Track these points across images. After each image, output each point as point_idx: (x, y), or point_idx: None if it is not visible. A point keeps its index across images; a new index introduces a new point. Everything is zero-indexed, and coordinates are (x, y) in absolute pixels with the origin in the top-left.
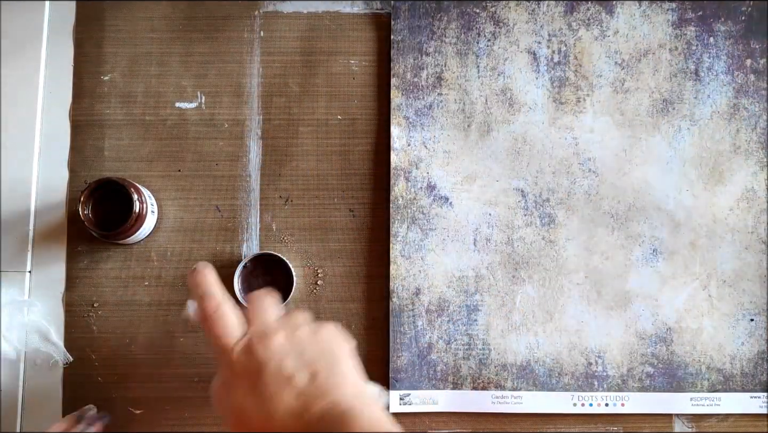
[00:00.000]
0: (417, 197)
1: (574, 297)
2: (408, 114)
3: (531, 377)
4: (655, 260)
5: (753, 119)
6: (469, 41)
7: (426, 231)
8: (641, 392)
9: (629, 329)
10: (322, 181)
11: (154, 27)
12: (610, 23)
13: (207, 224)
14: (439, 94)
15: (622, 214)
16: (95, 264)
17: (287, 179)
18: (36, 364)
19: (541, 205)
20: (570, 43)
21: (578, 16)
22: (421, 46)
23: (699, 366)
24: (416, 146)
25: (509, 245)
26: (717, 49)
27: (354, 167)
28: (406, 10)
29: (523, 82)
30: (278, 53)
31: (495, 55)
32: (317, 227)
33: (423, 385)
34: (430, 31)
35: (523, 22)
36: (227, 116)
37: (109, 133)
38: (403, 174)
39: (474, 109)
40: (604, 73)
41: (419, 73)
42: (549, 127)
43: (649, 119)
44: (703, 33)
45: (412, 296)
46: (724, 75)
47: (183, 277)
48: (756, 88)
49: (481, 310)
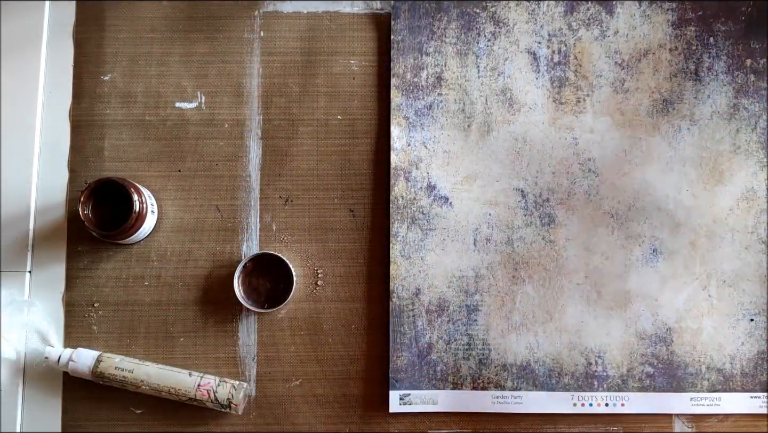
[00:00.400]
0: (417, 197)
1: (574, 297)
2: (408, 114)
3: (531, 377)
4: (655, 260)
5: (753, 119)
6: (469, 41)
7: (426, 231)
8: (641, 392)
9: (629, 329)
10: (322, 181)
11: (154, 27)
12: (611, 23)
13: (207, 224)
14: (439, 94)
15: (622, 214)
16: (95, 264)
17: (287, 179)
18: (36, 364)
19: (541, 206)
20: (570, 43)
21: (578, 16)
22: (421, 46)
23: (699, 366)
24: (416, 146)
25: (509, 245)
26: (717, 49)
27: (354, 167)
28: (406, 11)
29: (523, 82)
30: (278, 53)
31: (495, 56)
32: (317, 227)
33: (423, 385)
34: (430, 31)
35: (523, 22)
36: (227, 116)
37: (109, 133)
38: (403, 174)
39: (474, 109)
40: (604, 73)
41: (419, 73)
42: (549, 127)
43: (649, 119)
44: (703, 33)
45: (412, 296)
46: (724, 75)
47: (183, 277)
48: (756, 88)
49: (481, 310)
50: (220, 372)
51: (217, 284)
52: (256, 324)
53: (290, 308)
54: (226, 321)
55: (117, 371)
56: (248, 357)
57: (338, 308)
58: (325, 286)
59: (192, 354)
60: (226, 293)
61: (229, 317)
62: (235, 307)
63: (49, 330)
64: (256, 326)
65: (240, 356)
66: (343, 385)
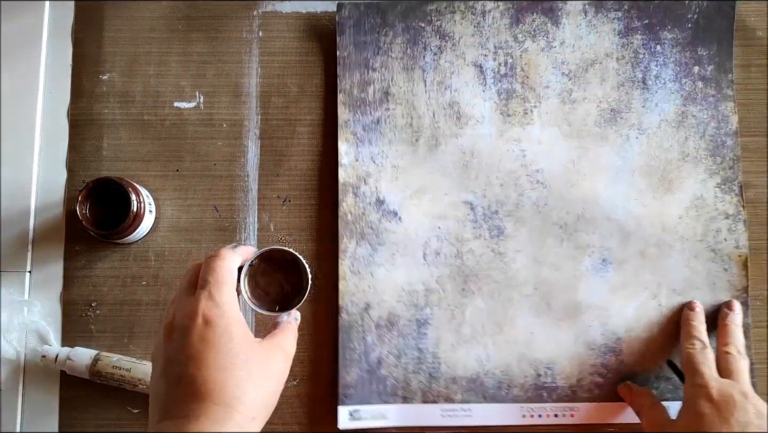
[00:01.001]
0: (366, 212)
1: (524, 309)
2: (356, 129)
3: (480, 390)
4: (604, 270)
5: (701, 127)
6: (416, 56)
7: (375, 246)
8: (591, 403)
9: (579, 340)
10: (320, 181)
11: (153, 27)
12: (557, 34)
13: (205, 224)
14: (387, 109)
15: (571, 224)
16: (93, 263)
17: (285, 179)
18: (35, 364)
19: (490, 218)
20: (516, 55)
21: (524, 27)
22: (368, 62)
23: (648, 375)
24: (365, 162)
25: (459, 258)
26: (664, 57)
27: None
28: (351, 26)
29: (470, 96)
30: (277, 53)
31: (441, 69)
32: (315, 227)
33: (373, 400)
34: (375, 46)
35: (468, 35)
36: (225, 116)
37: (107, 133)
38: (352, 190)
39: (422, 123)
40: (551, 84)
41: (366, 88)
42: (497, 139)
43: (597, 129)
44: (650, 41)
45: (362, 311)
46: (671, 83)
47: (180, 277)
48: (704, 95)
49: (431, 323)
50: None
51: None
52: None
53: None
54: None
55: (114, 369)
56: None
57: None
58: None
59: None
60: None
61: None
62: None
63: (49, 330)
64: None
65: None
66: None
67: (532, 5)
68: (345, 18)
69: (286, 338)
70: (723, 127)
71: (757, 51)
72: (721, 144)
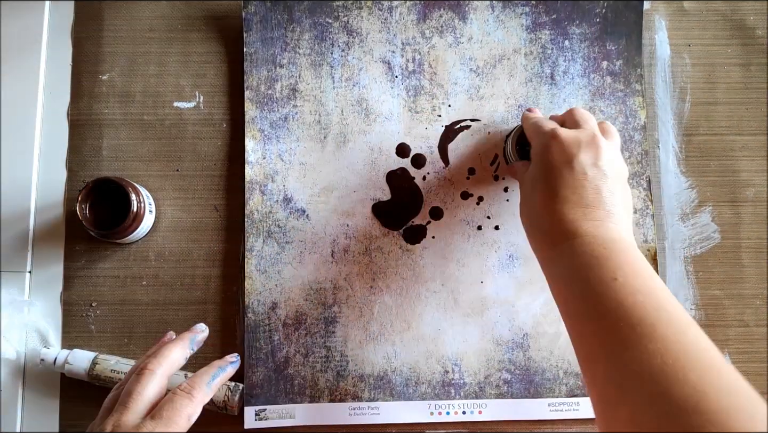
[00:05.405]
0: (273, 210)
1: (431, 305)
2: (263, 127)
3: (388, 387)
4: (511, 266)
5: (610, 121)
6: (323, 52)
7: (282, 244)
8: (499, 399)
9: (486, 336)
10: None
11: (153, 27)
12: (464, 30)
13: (205, 224)
14: (294, 106)
15: (478, 220)
16: (93, 263)
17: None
18: (35, 364)
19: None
20: (424, 51)
21: (431, 23)
22: (275, 58)
23: (556, 371)
24: (272, 159)
25: (367, 255)
26: (572, 52)
27: None
28: (258, 22)
29: (378, 92)
30: None
31: (349, 66)
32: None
33: (280, 399)
34: (283, 42)
35: (376, 31)
36: (225, 116)
37: (107, 133)
38: (259, 188)
39: (330, 120)
40: (460, 81)
41: (273, 85)
42: (405, 136)
43: (505, 126)
44: (558, 36)
45: (269, 310)
46: (580, 78)
47: (181, 277)
48: (612, 90)
49: (339, 321)
50: None
51: (215, 284)
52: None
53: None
54: (225, 321)
55: (113, 373)
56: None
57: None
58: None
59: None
60: (224, 292)
61: (228, 317)
62: (234, 307)
63: (49, 330)
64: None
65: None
66: None
67: (439, 2)
68: (251, 14)
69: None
70: (631, 121)
71: (756, 50)
72: (629, 138)
